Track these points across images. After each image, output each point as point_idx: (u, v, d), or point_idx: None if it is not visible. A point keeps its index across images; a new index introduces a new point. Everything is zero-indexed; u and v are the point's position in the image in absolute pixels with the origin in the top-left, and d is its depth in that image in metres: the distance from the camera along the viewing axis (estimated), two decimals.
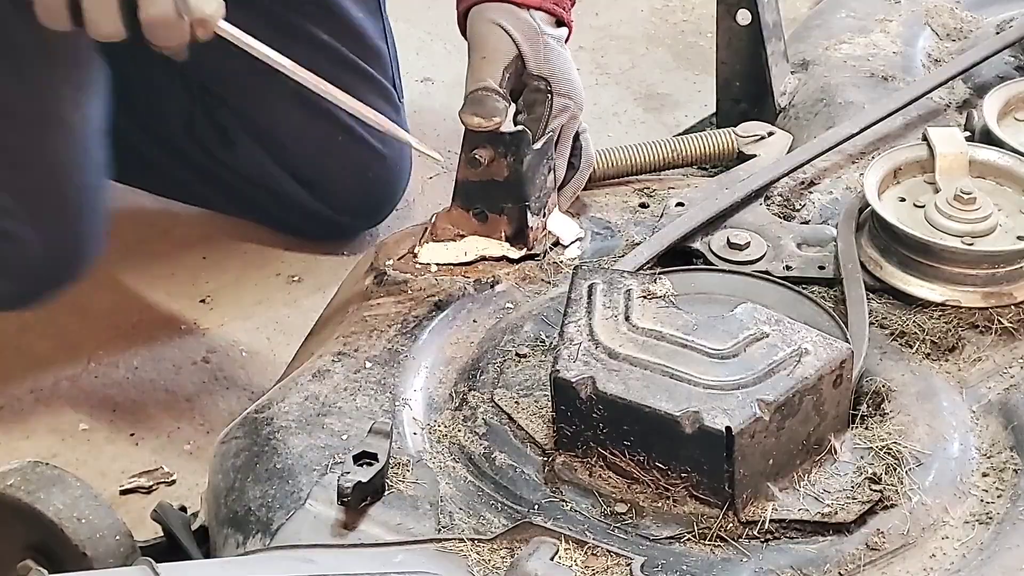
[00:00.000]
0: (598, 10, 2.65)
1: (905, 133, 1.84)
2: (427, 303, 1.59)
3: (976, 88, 1.91)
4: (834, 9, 2.09)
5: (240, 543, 1.36)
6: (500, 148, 1.61)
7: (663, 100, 2.43)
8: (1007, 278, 1.56)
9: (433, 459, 1.42)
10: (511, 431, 1.45)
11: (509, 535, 1.31)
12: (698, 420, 1.31)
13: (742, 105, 1.95)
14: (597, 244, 1.69)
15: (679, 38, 2.58)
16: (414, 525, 1.34)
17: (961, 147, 1.66)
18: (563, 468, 1.40)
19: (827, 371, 1.36)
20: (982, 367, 1.50)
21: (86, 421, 1.86)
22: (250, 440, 1.45)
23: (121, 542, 1.35)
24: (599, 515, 1.36)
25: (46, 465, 1.38)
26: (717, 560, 1.32)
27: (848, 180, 1.77)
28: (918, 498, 1.36)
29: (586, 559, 1.29)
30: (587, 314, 1.43)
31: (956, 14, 2.07)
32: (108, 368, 1.93)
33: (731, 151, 1.82)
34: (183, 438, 1.84)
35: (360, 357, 1.53)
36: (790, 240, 1.66)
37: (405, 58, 2.17)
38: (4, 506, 1.35)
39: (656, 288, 1.46)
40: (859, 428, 1.43)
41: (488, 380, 1.50)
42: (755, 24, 1.88)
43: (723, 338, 1.39)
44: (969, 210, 1.58)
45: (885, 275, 1.58)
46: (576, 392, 1.36)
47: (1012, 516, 1.34)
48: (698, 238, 1.66)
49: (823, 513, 1.34)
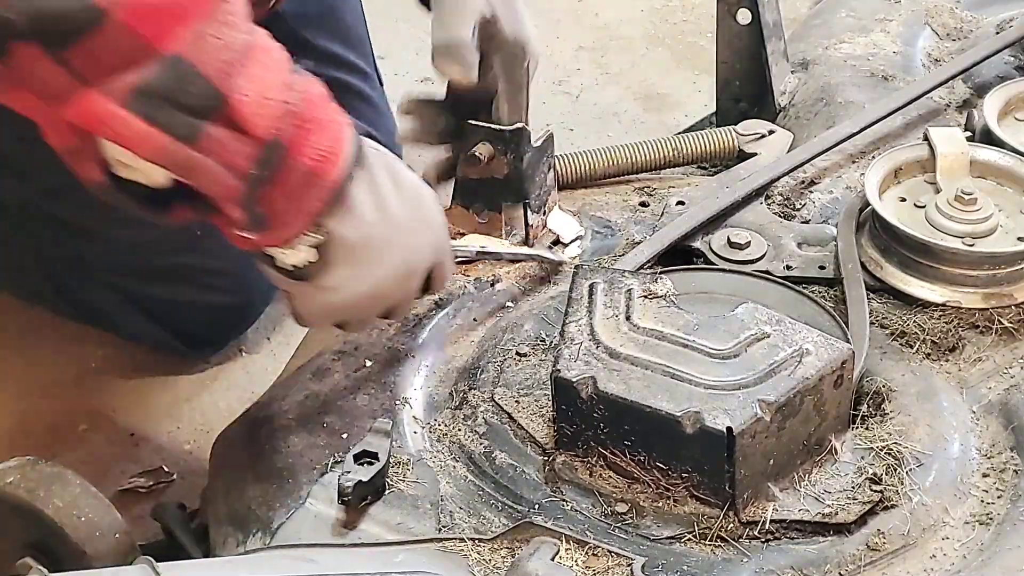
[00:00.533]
0: (598, 10, 2.65)
1: (905, 133, 1.84)
2: (427, 302, 1.58)
3: (976, 88, 1.91)
4: (834, 8, 2.09)
5: (240, 542, 1.36)
6: (500, 145, 1.60)
7: (663, 100, 2.43)
8: (1007, 279, 1.56)
9: (433, 458, 1.42)
10: (511, 430, 1.45)
11: (510, 535, 1.31)
12: (699, 420, 1.31)
13: (742, 104, 1.95)
14: (597, 243, 1.69)
15: (679, 38, 2.58)
16: (414, 524, 1.34)
17: (962, 147, 1.66)
18: (564, 468, 1.40)
19: (828, 371, 1.36)
20: (982, 367, 1.50)
21: (86, 421, 1.85)
22: (250, 440, 1.45)
23: (121, 540, 1.35)
24: (600, 515, 1.36)
25: (45, 463, 1.37)
26: (717, 560, 1.32)
27: (848, 179, 1.77)
28: (918, 498, 1.35)
29: (587, 559, 1.29)
30: (588, 313, 1.43)
31: (956, 14, 2.07)
32: (108, 368, 1.92)
33: (732, 149, 1.82)
34: (183, 438, 1.84)
35: (360, 356, 1.52)
36: (790, 239, 1.66)
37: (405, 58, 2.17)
38: (3, 504, 1.35)
39: (657, 287, 1.45)
40: (860, 428, 1.43)
41: (488, 379, 1.50)
42: (755, 23, 1.88)
43: (724, 338, 1.39)
44: (970, 211, 1.58)
45: (885, 275, 1.58)
46: (577, 392, 1.36)
47: (1012, 517, 1.34)
48: (699, 237, 1.66)
49: (823, 513, 1.34)
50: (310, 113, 1.28)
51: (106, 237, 1.82)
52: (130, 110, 1.21)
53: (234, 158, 1.25)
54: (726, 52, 1.93)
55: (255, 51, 1.26)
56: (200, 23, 1.22)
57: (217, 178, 1.26)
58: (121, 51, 1.19)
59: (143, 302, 1.87)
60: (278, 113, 1.26)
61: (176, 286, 1.86)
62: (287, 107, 1.26)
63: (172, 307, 1.88)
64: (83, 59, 1.19)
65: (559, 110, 2.39)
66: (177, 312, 1.88)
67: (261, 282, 1.86)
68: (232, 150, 1.25)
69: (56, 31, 1.18)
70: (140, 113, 1.22)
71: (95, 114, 1.22)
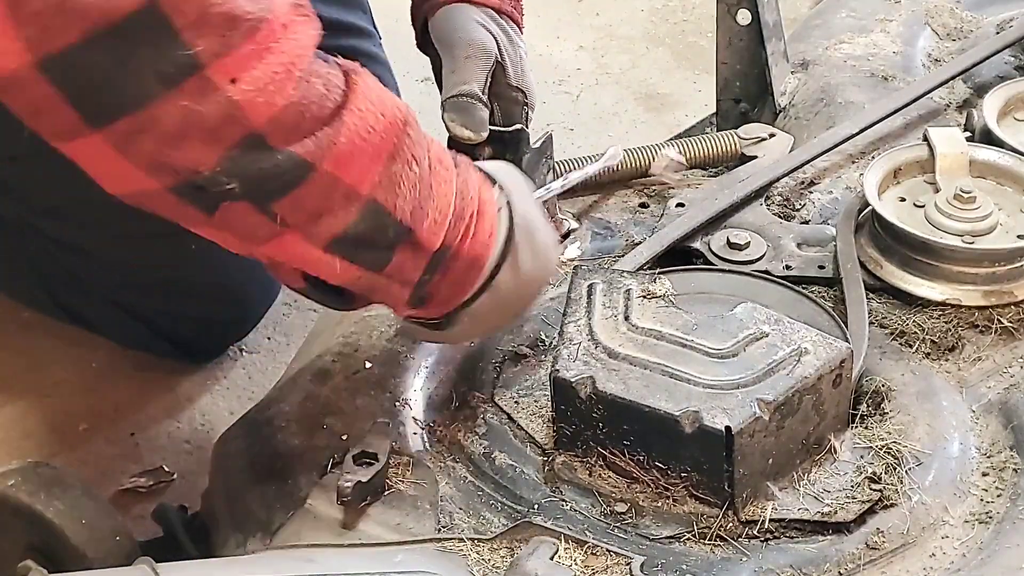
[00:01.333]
0: (598, 10, 2.65)
1: (905, 133, 1.84)
2: None
3: (976, 88, 1.91)
4: (834, 9, 2.09)
5: (240, 543, 1.36)
6: (499, 147, 1.60)
7: (663, 100, 2.43)
8: (1007, 277, 1.56)
9: (433, 459, 1.42)
10: (511, 431, 1.45)
11: (509, 535, 1.31)
12: (698, 420, 1.31)
13: (742, 105, 1.95)
14: (597, 244, 1.69)
15: (679, 38, 2.58)
16: (414, 525, 1.34)
17: (961, 147, 1.66)
18: (563, 468, 1.40)
19: (827, 370, 1.36)
20: (982, 366, 1.50)
21: (86, 421, 1.86)
22: (250, 440, 1.45)
23: (121, 542, 1.35)
24: (599, 515, 1.36)
25: (46, 466, 1.38)
26: (717, 560, 1.32)
27: (848, 180, 1.77)
28: (918, 497, 1.35)
29: (586, 558, 1.29)
30: (587, 314, 1.43)
31: (956, 14, 2.07)
32: (108, 368, 1.92)
33: (734, 153, 1.82)
34: (183, 438, 1.84)
35: (360, 357, 1.53)
36: (790, 240, 1.66)
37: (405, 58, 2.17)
38: (4, 507, 1.35)
39: (656, 288, 1.46)
40: (859, 427, 1.43)
41: (488, 380, 1.50)
42: (755, 24, 1.88)
43: (723, 338, 1.39)
44: (969, 209, 1.58)
45: (885, 274, 1.58)
46: (576, 392, 1.36)
47: (1012, 515, 1.34)
48: (698, 238, 1.66)
49: (823, 512, 1.34)
50: (472, 208, 1.30)
51: (103, 255, 1.82)
52: (328, 252, 1.23)
53: (410, 273, 1.29)
54: (726, 52, 1.93)
55: (432, 174, 1.27)
56: (390, 163, 1.22)
57: (393, 292, 1.30)
58: (323, 198, 1.20)
59: (141, 315, 1.88)
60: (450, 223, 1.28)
61: (174, 300, 1.86)
62: (457, 212, 1.29)
63: (171, 319, 1.88)
64: (289, 209, 1.19)
65: (559, 110, 2.39)
66: (176, 324, 1.88)
67: (259, 294, 1.88)
68: (410, 268, 1.28)
69: (266, 189, 1.17)
70: (338, 254, 1.24)
71: (295, 254, 1.24)
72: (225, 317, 1.89)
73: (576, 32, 2.60)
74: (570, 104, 2.42)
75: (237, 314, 1.90)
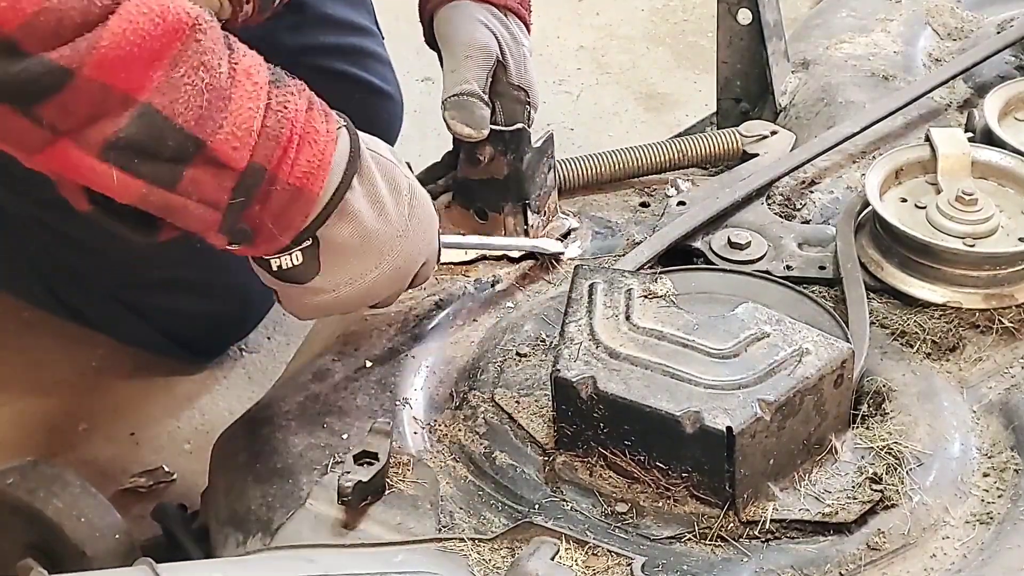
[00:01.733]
0: (598, 10, 2.65)
1: (906, 133, 1.84)
2: (427, 302, 1.58)
3: (977, 88, 1.91)
4: (835, 8, 2.09)
5: (240, 543, 1.36)
6: (500, 146, 1.60)
7: (663, 100, 2.43)
8: (1008, 279, 1.56)
9: (433, 458, 1.42)
10: (511, 431, 1.45)
11: (510, 535, 1.31)
12: (699, 420, 1.31)
13: (743, 104, 1.94)
14: (598, 243, 1.69)
15: (679, 38, 2.58)
16: (414, 525, 1.34)
17: (963, 148, 1.66)
18: (563, 468, 1.40)
19: (828, 371, 1.36)
20: (983, 367, 1.50)
21: (86, 421, 1.85)
22: (250, 440, 1.45)
23: (121, 541, 1.35)
24: (600, 515, 1.36)
25: (46, 464, 1.38)
26: (717, 560, 1.32)
27: (849, 179, 1.77)
28: (919, 498, 1.35)
29: (587, 559, 1.28)
30: (588, 313, 1.43)
31: (957, 14, 2.07)
32: (108, 368, 1.92)
33: (735, 151, 1.82)
34: (183, 438, 1.84)
35: (360, 356, 1.52)
36: (791, 240, 1.66)
37: (405, 58, 2.17)
38: (4, 505, 1.35)
39: (657, 287, 1.45)
40: (860, 428, 1.43)
41: (488, 379, 1.50)
42: (756, 23, 1.88)
43: (724, 338, 1.39)
44: (970, 211, 1.58)
45: (886, 276, 1.58)
46: (577, 392, 1.36)
47: (1013, 516, 1.34)
48: (699, 237, 1.66)
49: (824, 513, 1.34)
50: (293, 132, 1.27)
51: (104, 250, 1.81)
52: (104, 160, 1.21)
53: (213, 193, 1.25)
54: (727, 52, 1.93)
55: (233, 84, 1.24)
56: (171, 68, 1.20)
57: (196, 214, 1.26)
58: (92, 104, 1.19)
59: (142, 312, 1.88)
60: (257, 141, 1.25)
61: (175, 296, 1.86)
62: (267, 132, 1.26)
63: (172, 316, 1.88)
64: (54, 114, 1.18)
65: (559, 110, 2.39)
66: (177, 321, 1.88)
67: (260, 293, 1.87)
68: (211, 187, 1.25)
69: (22, 93, 1.17)
70: (115, 164, 1.21)
71: (70, 164, 1.22)
72: (226, 316, 1.89)
73: (576, 32, 2.60)
74: (570, 104, 2.43)
75: (238, 313, 1.90)
